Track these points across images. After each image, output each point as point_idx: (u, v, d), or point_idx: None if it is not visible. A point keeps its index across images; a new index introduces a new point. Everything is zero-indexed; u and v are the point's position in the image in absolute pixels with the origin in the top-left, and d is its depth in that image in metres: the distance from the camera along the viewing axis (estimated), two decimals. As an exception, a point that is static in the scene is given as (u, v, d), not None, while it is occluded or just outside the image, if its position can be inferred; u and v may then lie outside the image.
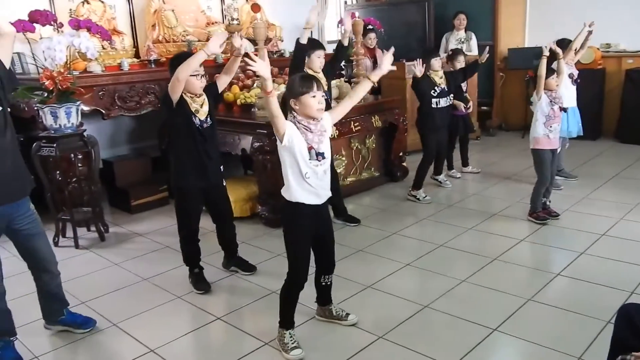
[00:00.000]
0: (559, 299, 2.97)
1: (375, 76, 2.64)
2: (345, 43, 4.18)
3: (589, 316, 2.75)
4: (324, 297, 2.83)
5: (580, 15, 6.84)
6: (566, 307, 2.87)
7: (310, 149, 2.40)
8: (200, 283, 3.30)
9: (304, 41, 3.88)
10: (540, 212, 4.15)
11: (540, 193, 4.15)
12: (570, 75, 4.80)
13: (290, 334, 2.61)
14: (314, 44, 4.00)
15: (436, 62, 4.73)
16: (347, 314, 2.83)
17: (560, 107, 4.04)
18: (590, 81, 6.24)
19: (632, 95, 6.40)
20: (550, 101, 4.00)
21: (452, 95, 4.86)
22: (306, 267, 2.56)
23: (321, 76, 3.98)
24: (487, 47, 5.19)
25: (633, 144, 6.35)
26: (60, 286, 2.83)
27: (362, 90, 2.63)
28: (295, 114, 2.41)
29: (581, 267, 3.35)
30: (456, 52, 5.35)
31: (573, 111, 4.91)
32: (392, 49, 2.72)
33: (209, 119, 3.13)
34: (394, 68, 2.67)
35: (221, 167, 3.28)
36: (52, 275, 2.75)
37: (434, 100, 4.69)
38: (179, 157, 3.17)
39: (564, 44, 4.87)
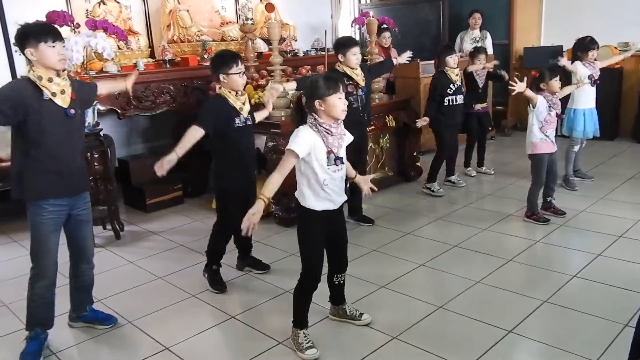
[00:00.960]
0: (575, 301, 2.94)
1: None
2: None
3: (606, 319, 2.72)
4: (337, 296, 2.83)
5: (596, 13, 6.81)
6: (583, 309, 2.84)
7: (329, 152, 2.39)
8: (217, 283, 3.31)
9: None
10: (539, 213, 4.14)
11: (537, 195, 4.15)
12: (590, 77, 4.74)
13: (304, 333, 2.62)
14: (350, 42, 4.00)
15: (452, 59, 4.74)
16: (361, 314, 2.82)
17: (557, 113, 4.00)
18: (607, 81, 6.13)
19: (650, 95, 6.31)
20: (549, 106, 3.96)
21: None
22: (319, 267, 2.56)
23: (359, 72, 4.01)
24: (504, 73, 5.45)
25: (651, 144, 6.26)
26: (92, 279, 2.94)
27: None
28: (316, 117, 2.39)
29: (598, 268, 3.31)
30: (478, 51, 5.34)
31: (591, 112, 4.85)
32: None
33: (250, 118, 3.20)
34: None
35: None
36: (90, 266, 2.88)
37: (449, 97, 4.72)
38: (226, 157, 3.18)
39: (585, 43, 4.81)
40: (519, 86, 3.95)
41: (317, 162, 2.39)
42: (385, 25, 6.58)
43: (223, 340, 2.85)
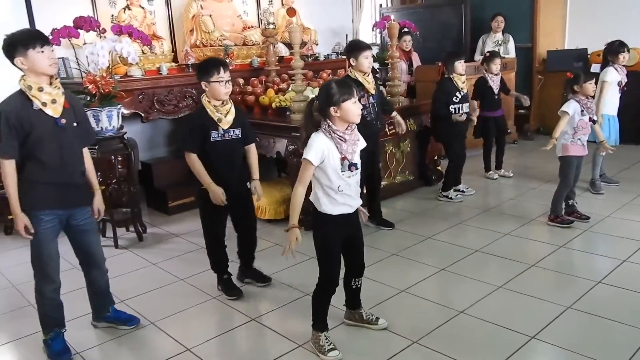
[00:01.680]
0: (600, 307, 2.88)
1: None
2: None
3: (632, 325, 2.67)
4: (353, 300, 2.82)
5: (622, 15, 6.69)
6: (608, 315, 2.79)
7: (343, 159, 2.40)
8: (231, 289, 3.29)
9: None
10: (564, 216, 4.08)
11: (562, 197, 4.09)
12: (619, 83, 4.67)
13: (325, 336, 2.62)
14: (360, 45, 3.99)
15: (460, 65, 4.67)
16: (377, 318, 2.81)
17: (590, 117, 3.93)
18: (634, 83, 6.02)
19: (678, 98, 6.16)
20: (582, 110, 3.89)
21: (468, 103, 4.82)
22: (337, 271, 2.57)
23: (370, 78, 3.99)
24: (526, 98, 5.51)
25: (678, 148, 6.12)
26: (108, 283, 2.96)
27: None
28: (330, 123, 2.39)
29: (624, 275, 3.25)
30: (493, 55, 5.29)
31: (614, 119, 4.78)
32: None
33: (234, 130, 3.09)
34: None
35: (246, 174, 3.25)
36: (101, 271, 2.89)
37: (455, 106, 4.63)
38: (203, 165, 3.13)
39: (614, 46, 4.73)
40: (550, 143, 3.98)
41: (332, 169, 2.39)
42: (406, 29, 6.57)
43: (244, 342, 2.87)
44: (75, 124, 2.60)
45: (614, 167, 5.37)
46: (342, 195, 2.44)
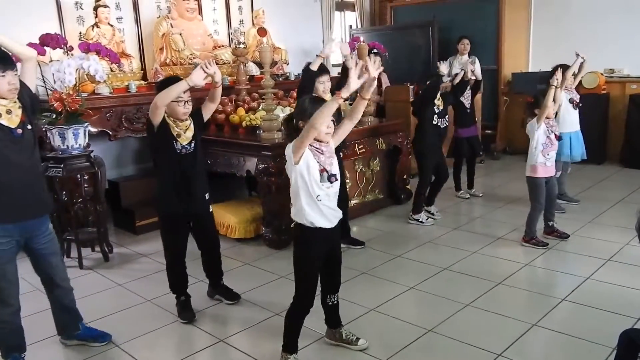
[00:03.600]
0: (564, 324, 2.94)
1: (345, 92, 2.32)
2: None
3: (595, 342, 2.73)
4: (332, 318, 2.82)
5: (583, 40, 6.95)
6: (571, 332, 2.84)
7: (322, 171, 2.41)
8: (184, 312, 3.22)
9: (314, 68, 3.91)
10: (538, 238, 4.14)
11: (536, 219, 4.15)
12: (571, 100, 4.84)
13: (294, 358, 2.60)
14: (319, 69, 3.99)
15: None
16: (358, 338, 2.80)
17: (555, 134, 4.06)
18: (594, 106, 6.27)
19: (637, 120, 6.42)
20: (547, 129, 4.03)
21: (447, 117, 4.88)
22: (313, 290, 2.56)
23: (329, 97, 4.00)
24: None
25: (637, 168, 6.34)
26: (73, 301, 2.90)
27: (359, 109, 2.48)
28: None
29: (586, 292, 3.33)
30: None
31: (577, 135, 4.93)
32: (378, 58, 2.70)
33: (192, 144, 3.07)
34: (365, 80, 2.35)
35: (206, 194, 3.22)
36: (65, 290, 2.84)
37: (435, 117, 4.71)
38: (161, 182, 3.14)
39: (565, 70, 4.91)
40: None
41: (312, 179, 2.41)
42: (375, 50, 6.68)
43: (211, 364, 2.82)
44: (31, 135, 2.55)
45: (578, 187, 5.53)
46: (321, 205, 2.45)
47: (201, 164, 3.21)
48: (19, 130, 2.49)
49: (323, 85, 3.94)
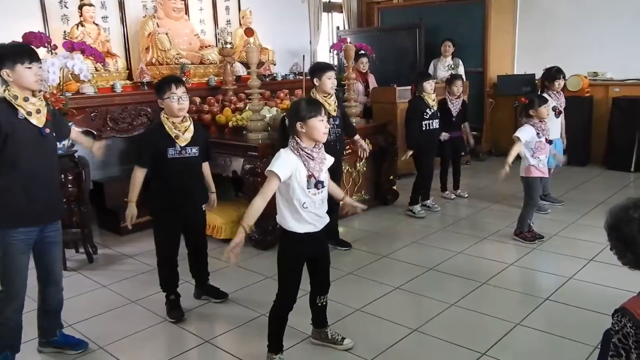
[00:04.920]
0: (547, 323, 2.98)
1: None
2: None
3: (577, 341, 2.76)
4: (319, 318, 2.82)
5: (567, 43, 7.05)
6: (555, 331, 2.88)
7: (310, 177, 2.40)
8: (173, 310, 3.21)
9: None
10: (527, 233, 4.23)
11: (529, 215, 4.26)
12: (554, 108, 4.89)
13: (279, 357, 2.60)
14: (324, 66, 4.06)
15: (428, 85, 4.88)
16: (343, 338, 2.81)
17: (546, 138, 4.13)
18: (578, 109, 6.35)
19: (619, 123, 6.51)
20: (538, 133, 4.08)
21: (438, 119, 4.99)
22: (296, 289, 2.56)
23: (332, 100, 4.02)
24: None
25: (620, 170, 6.43)
26: (61, 303, 2.88)
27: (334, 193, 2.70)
28: (298, 140, 2.41)
29: (569, 291, 3.36)
30: (454, 77, 5.48)
31: (554, 144, 4.99)
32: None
33: (192, 148, 3.07)
34: None
35: (204, 205, 3.27)
36: (58, 289, 2.82)
37: (426, 122, 4.85)
38: (158, 183, 3.11)
39: (552, 73, 4.97)
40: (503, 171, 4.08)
41: (298, 185, 2.39)
42: (362, 51, 6.71)
43: (196, 365, 2.80)
44: (53, 135, 2.65)
45: (562, 188, 5.59)
46: (307, 212, 2.44)
47: (199, 164, 3.21)
48: (47, 130, 2.56)
49: (331, 81, 3.96)
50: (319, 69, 4.01)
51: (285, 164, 2.37)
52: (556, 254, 4.01)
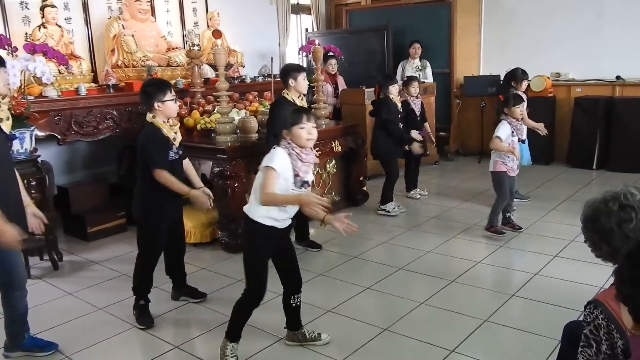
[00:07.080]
0: (514, 319, 3.04)
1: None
2: None
3: (543, 335, 2.82)
4: (294, 320, 2.84)
5: (531, 44, 7.22)
6: (521, 327, 2.94)
7: (296, 176, 2.50)
8: (142, 317, 3.16)
9: None
10: (498, 227, 4.35)
11: (499, 210, 4.35)
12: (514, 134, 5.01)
13: (233, 346, 2.64)
14: (299, 67, 4.15)
15: (394, 89, 4.96)
16: (319, 334, 2.86)
17: (519, 138, 4.23)
18: (542, 108, 6.49)
19: (581, 122, 6.68)
20: (512, 132, 4.18)
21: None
22: (264, 284, 2.59)
23: (304, 100, 4.14)
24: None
25: (583, 168, 6.61)
26: (27, 307, 2.81)
27: None
28: (290, 142, 2.52)
29: (535, 287, 3.44)
30: (410, 79, 5.53)
31: (525, 143, 5.11)
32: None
33: (180, 149, 3.11)
34: None
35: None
36: (22, 293, 2.76)
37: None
38: (152, 186, 3.00)
39: (518, 74, 5.08)
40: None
41: (284, 182, 2.48)
42: (331, 53, 6.73)
43: (166, 371, 2.77)
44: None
45: (527, 186, 5.71)
46: (281, 210, 2.52)
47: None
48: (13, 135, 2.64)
49: (305, 82, 4.08)
50: (294, 69, 4.06)
51: (281, 160, 2.48)
52: (523, 251, 4.10)
